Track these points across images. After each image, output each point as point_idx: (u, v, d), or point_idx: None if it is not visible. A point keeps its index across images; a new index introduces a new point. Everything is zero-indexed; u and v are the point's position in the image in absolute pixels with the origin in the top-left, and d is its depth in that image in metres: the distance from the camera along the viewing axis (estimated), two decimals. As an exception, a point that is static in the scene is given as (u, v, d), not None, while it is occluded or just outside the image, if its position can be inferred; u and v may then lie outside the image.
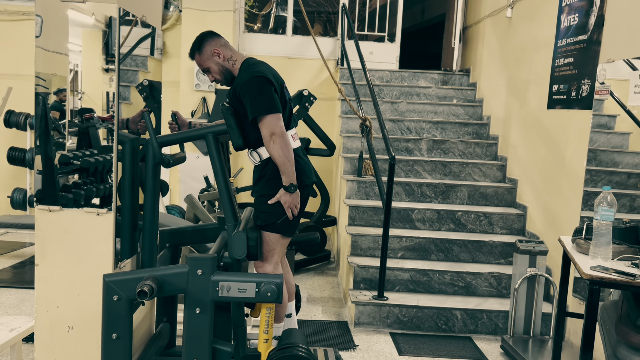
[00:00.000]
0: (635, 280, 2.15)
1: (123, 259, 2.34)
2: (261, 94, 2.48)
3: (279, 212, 2.58)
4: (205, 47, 2.63)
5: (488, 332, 3.70)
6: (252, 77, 2.50)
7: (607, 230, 2.39)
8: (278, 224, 2.59)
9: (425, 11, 9.06)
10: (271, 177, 2.57)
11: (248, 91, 2.48)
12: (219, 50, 2.63)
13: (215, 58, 2.62)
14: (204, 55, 2.63)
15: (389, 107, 5.59)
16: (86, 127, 2.53)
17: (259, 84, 2.49)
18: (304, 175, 2.65)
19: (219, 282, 2.07)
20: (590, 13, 3.44)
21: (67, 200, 2.24)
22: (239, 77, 2.58)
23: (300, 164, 2.64)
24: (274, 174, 2.56)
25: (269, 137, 2.46)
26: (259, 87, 2.48)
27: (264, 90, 2.48)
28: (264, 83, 2.50)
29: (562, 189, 3.78)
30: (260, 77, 2.51)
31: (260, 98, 2.47)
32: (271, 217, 2.59)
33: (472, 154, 5.14)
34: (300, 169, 2.62)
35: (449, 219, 4.42)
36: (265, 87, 2.49)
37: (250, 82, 2.49)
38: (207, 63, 2.64)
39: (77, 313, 2.23)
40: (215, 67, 2.64)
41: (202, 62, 2.64)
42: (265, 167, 2.59)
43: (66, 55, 2.30)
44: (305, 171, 2.67)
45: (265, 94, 2.48)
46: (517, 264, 3.38)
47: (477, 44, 5.90)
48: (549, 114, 4.00)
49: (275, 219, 2.58)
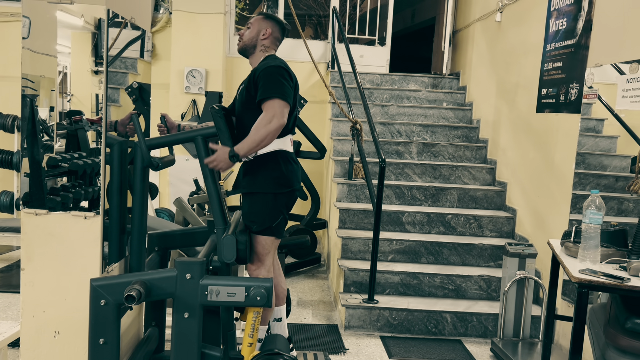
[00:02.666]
0: (623, 284, 2.16)
1: (111, 263, 2.31)
2: (279, 81, 2.55)
3: (274, 214, 2.61)
4: (267, 21, 2.77)
5: (478, 335, 3.71)
6: (277, 66, 2.58)
7: (596, 233, 2.41)
8: (273, 227, 2.63)
9: (415, 15, 9.10)
10: (266, 174, 2.60)
11: (267, 76, 2.55)
12: (269, 33, 2.76)
13: (262, 30, 2.75)
14: (260, 22, 2.77)
15: (380, 110, 5.60)
16: (75, 130, 2.50)
17: (281, 73, 2.57)
18: (295, 180, 2.69)
19: (208, 286, 2.05)
20: (579, 18, 3.47)
21: (55, 203, 2.21)
22: (263, 64, 2.65)
23: (295, 168, 2.69)
24: (270, 172, 2.60)
25: (271, 117, 2.48)
26: (279, 76, 2.56)
27: (282, 80, 2.56)
28: (285, 75, 2.58)
29: (551, 192, 3.80)
30: (284, 69, 2.60)
31: (277, 84, 2.53)
32: (267, 221, 2.61)
33: (461, 157, 5.16)
34: (293, 173, 2.66)
35: (439, 221, 4.43)
36: (284, 78, 2.57)
37: (273, 69, 2.57)
38: (254, 26, 2.77)
39: (63, 318, 2.20)
40: (253, 34, 2.75)
41: (255, 23, 2.78)
42: (260, 164, 2.61)
43: (55, 57, 2.28)
44: (297, 177, 2.72)
45: (282, 82, 2.55)
46: (507, 267, 3.39)
47: (467, 48, 5.93)
48: (538, 117, 4.02)
49: (271, 222, 2.61)
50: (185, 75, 5.45)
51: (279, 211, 2.64)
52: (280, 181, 2.63)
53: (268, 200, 2.62)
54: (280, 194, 2.63)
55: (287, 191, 2.66)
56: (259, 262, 2.67)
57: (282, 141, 2.66)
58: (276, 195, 2.62)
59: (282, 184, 2.63)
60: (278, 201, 2.63)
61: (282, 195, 2.64)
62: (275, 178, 2.61)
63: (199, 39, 5.46)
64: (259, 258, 2.66)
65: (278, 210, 2.63)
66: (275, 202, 2.62)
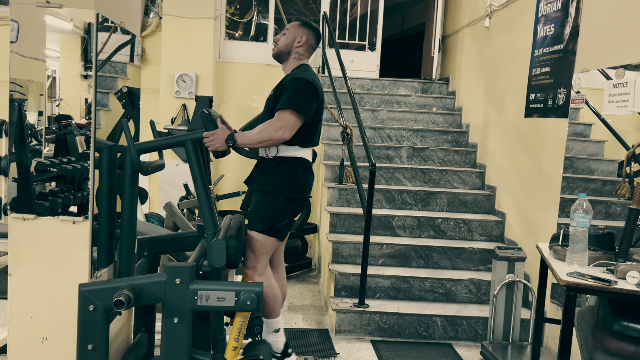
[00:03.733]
0: (610, 286, 2.19)
1: (100, 268, 2.30)
2: (302, 94, 2.59)
3: (281, 216, 2.66)
4: (304, 29, 2.81)
5: (468, 338, 3.72)
6: (305, 80, 2.63)
7: (583, 236, 2.43)
8: (277, 228, 2.67)
9: (405, 20, 9.15)
10: (283, 177, 2.65)
11: (292, 87, 2.61)
12: (305, 41, 2.79)
13: (297, 38, 2.79)
14: (297, 29, 2.80)
15: (370, 115, 5.62)
16: (64, 134, 2.49)
17: (307, 87, 2.61)
18: (308, 188, 2.76)
19: (198, 291, 2.05)
20: (566, 24, 3.51)
21: (43, 208, 2.19)
22: (293, 74, 2.71)
23: (310, 177, 2.75)
24: (286, 175, 2.65)
25: (278, 127, 2.54)
26: (304, 89, 2.60)
27: (306, 95, 2.60)
28: (311, 90, 2.62)
29: (539, 196, 3.83)
30: (312, 83, 2.64)
31: (298, 97, 2.58)
32: (272, 221, 2.67)
33: (451, 161, 5.19)
34: (307, 181, 2.73)
35: (429, 225, 4.45)
36: (309, 93, 2.61)
37: (300, 81, 2.62)
38: (291, 33, 2.80)
39: (51, 323, 2.18)
40: (289, 40, 2.79)
41: (292, 28, 2.82)
42: (278, 166, 2.67)
43: (43, 62, 2.27)
44: (310, 186, 2.78)
45: (304, 97, 2.59)
46: (496, 271, 3.41)
47: (456, 53, 5.97)
48: (527, 122, 4.06)
49: (276, 223, 2.67)
50: (176, 79, 5.44)
51: (285, 214, 2.70)
52: (294, 186, 2.69)
53: (278, 202, 2.68)
54: (290, 199, 2.69)
55: (298, 197, 2.72)
56: (254, 262, 2.70)
57: (305, 151, 2.74)
58: (287, 199, 2.68)
59: (295, 189, 2.69)
60: (287, 205, 2.69)
61: (292, 200, 2.70)
62: (290, 182, 2.67)
63: (189, 44, 5.45)
64: (256, 256, 2.70)
65: (285, 213, 2.69)
66: (284, 205, 2.68)
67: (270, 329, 2.85)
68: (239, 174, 5.53)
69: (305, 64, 2.84)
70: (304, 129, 2.66)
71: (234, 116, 5.57)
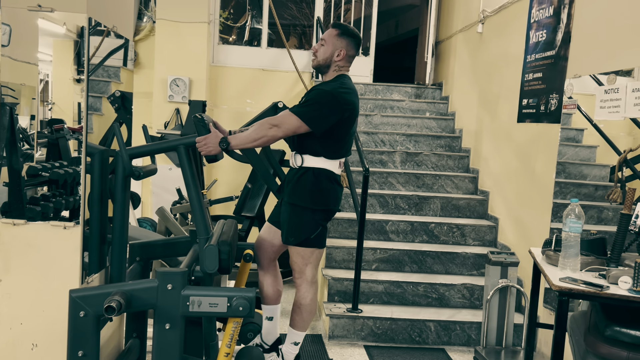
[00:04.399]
0: (602, 291, 2.19)
1: (91, 274, 2.28)
2: (316, 105, 2.53)
3: (313, 227, 2.61)
4: (344, 39, 2.67)
5: (461, 343, 3.72)
6: (328, 92, 2.55)
7: (575, 241, 2.44)
8: (312, 238, 2.62)
9: (399, 26, 9.19)
10: (305, 189, 2.60)
11: (314, 97, 2.55)
12: (344, 54, 2.67)
13: (336, 50, 2.66)
14: (337, 39, 2.67)
15: (363, 119, 5.63)
16: (56, 138, 2.48)
17: (326, 100, 2.53)
18: (333, 201, 2.68)
19: (190, 296, 2.03)
20: (558, 30, 3.53)
21: (34, 213, 2.18)
22: (322, 84, 2.66)
23: (336, 189, 2.67)
24: (309, 187, 2.59)
25: (273, 125, 2.50)
26: (321, 102, 2.53)
27: (324, 108, 2.53)
28: (331, 103, 2.53)
29: (532, 201, 3.84)
30: (335, 97, 2.54)
31: (312, 107, 2.53)
32: (305, 233, 2.62)
33: (444, 166, 5.20)
34: (332, 192, 2.65)
35: (423, 230, 4.45)
36: (329, 107, 2.53)
37: (324, 94, 2.55)
38: (330, 43, 2.67)
39: (41, 330, 2.16)
40: (328, 52, 2.66)
41: (329, 38, 2.68)
42: (302, 176, 2.62)
43: (36, 65, 2.26)
44: (336, 197, 2.69)
45: (321, 110, 2.52)
46: (489, 276, 3.41)
47: (450, 59, 6.00)
48: (519, 127, 4.08)
49: (309, 234, 2.62)
50: (169, 84, 5.43)
51: (317, 224, 2.64)
52: (317, 199, 2.62)
53: (306, 214, 2.62)
54: (317, 210, 2.64)
55: (323, 209, 2.66)
56: (300, 273, 2.67)
57: (331, 163, 2.65)
58: (313, 210, 2.63)
59: (318, 202, 2.63)
60: (316, 215, 2.64)
61: (318, 212, 2.65)
62: (313, 193, 2.61)
63: (182, 48, 5.45)
64: (300, 270, 2.66)
65: (316, 222, 2.63)
66: (312, 216, 2.63)
67: (291, 340, 2.79)
68: (232, 179, 5.52)
69: (343, 74, 2.71)
70: (329, 139, 2.59)
71: (227, 121, 5.56)
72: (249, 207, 4.40)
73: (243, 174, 4.95)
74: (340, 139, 2.63)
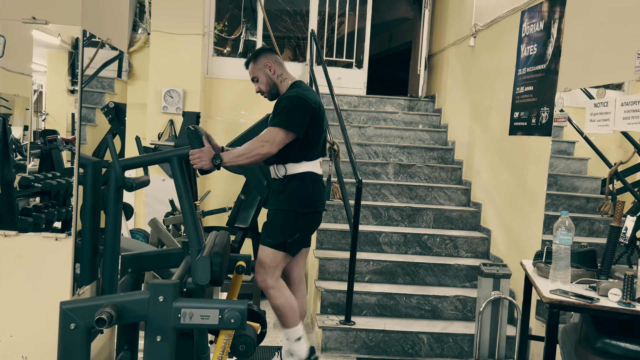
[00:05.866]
0: (592, 304, 2.20)
1: (82, 285, 2.27)
2: (291, 112, 2.64)
3: (292, 231, 2.70)
4: (260, 58, 2.83)
5: (454, 355, 3.71)
6: (295, 97, 2.69)
7: (566, 254, 2.46)
8: (288, 243, 2.71)
9: (392, 39, 9.27)
10: (292, 193, 2.69)
11: (284, 106, 2.68)
12: (272, 64, 2.83)
13: (266, 70, 2.82)
14: (257, 64, 2.83)
15: (357, 131, 5.66)
16: (49, 149, 2.47)
17: (296, 104, 2.67)
18: (319, 202, 2.79)
19: (181, 308, 2.02)
20: (548, 44, 3.58)
21: (26, 224, 2.17)
22: (286, 93, 2.78)
23: (320, 190, 2.79)
24: (295, 191, 2.69)
25: (264, 142, 2.59)
26: (294, 106, 2.66)
27: (298, 111, 2.65)
28: (302, 105, 2.67)
29: (524, 213, 3.86)
30: (303, 99, 2.68)
31: (288, 114, 2.64)
32: (282, 236, 2.71)
33: (437, 178, 5.22)
34: (317, 195, 2.76)
35: (415, 242, 4.46)
36: (301, 109, 2.67)
37: (292, 99, 2.68)
38: (258, 73, 2.84)
39: (32, 342, 2.14)
40: (263, 78, 2.84)
41: (254, 70, 2.85)
42: (288, 183, 2.72)
43: (29, 76, 2.26)
44: (322, 198, 2.81)
45: (297, 114, 2.65)
46: (482, 287, 3.42)
47: (442, 71, 6.05)
48: (511, 139, 4.11)
49: (286, 238, 2.70)
50: (163, 95, 5.44)
51: (297, 229, 2.74)
52: (304, 201, 2.73)
53: (289, 218, 2.72)
54: (301, 214, 2.73)
55: (310, 212, 2.76)
56: (265, 276, 2.74)
57: (312, 164, 2.78)
58: (297, 214, 2.72)
59: (305, 204, 2.73)
60: (298, 220, 2.73)
61: (303, 215, 2.74)
62: (300, 198, 2.72)
63: (177, 60, 5.47)
64: (266, 270, 2.73)
65: (296, 228, 2.73)
66: (295, 221, 2.73)
67: (292, 338, 2.89)
68: (225, 190, 5.52)
69: (296, 81, 2.88)
70: (306, 142, 2.72)
71: (221, 132, 5.57)
72: (242, 218, 4.40)
73: (236, 185, 4.95)
74: (316, 139, 2.77)
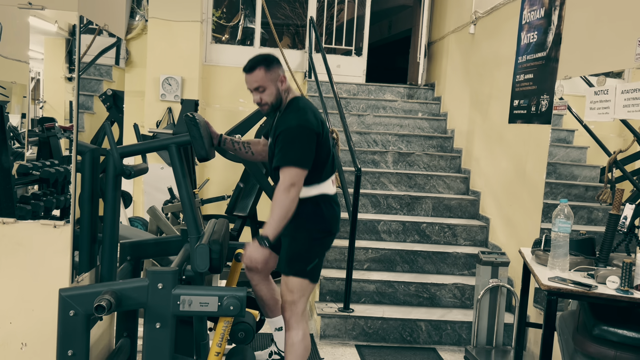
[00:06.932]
0: (590, 291, 2.21)
1: (81, 273, 2.27)
2: (295, 145, 2.40)
3: (310, 257, 2.54)
4: (274, 68, 2.52)
5: (452, 343, 3.74)
6: (299, 127, 2.42)
7: (565, 241, 2.46)
8: (308, 271, 2.54)
9: (392, 26, 9.21)
10: (307, 219, 2.51)
11: (285, 139, 2.41)
12: (284, 78, 2.55)
13: (278, 83, 2.52)
14: (271, 74, 2.50)
15: (356, 119, 5.64)
16: (47, 137, 2.47)
17: (299, 135, 2.41)
18: (335, 224, 2.61)
19: (180, 295, 2.03)
20: (549, 31, 3.55)
21: (25, 212, 2.17)
22: (286, 118, 2.48)
23: (336, 212, 2.60)
24: (310, 216, 2.51)
25: (288, 186, 2.36)
26: (297, 139, 2.41)
27: (301, 143, 2.40)
28: (306, 134, 2.42)
29: (523, 201, 3.86)
30: (306, 128, 2.42)
31: (294, 148, 2.39)
32: (301, 264, 2.54)
33: (436, 166, 5.22)
34: (334, 217, 2.58)
35: (414, 230, 4.47)
36: (304, 139, 2.41)
37: (295, 131, 2.41)
38: (268, 83, 2.51)
39: (31, 329, 2.15)
40: (273, 90, 2.52)
41: (264, 80, 2.50)
42: (301, 207, 2.47)
43: (27, 63, 2.25)
44: (338, 220, 2.62)
45: (304, 148, 2.40)
46: (480, 275, 3.43)
47: (442, 59, 6.02)
48: (510, 128, 4.10)
49: (306, 264, 2.54)
50: (161, 82, 5.41)
51: (315, 254, 2.57)
52: (321, 226, 2.57)
53: (305, 244, 2.56)
54: (317, 239, 2.57)
55: (326, 235, 2.61)
56: (291, 305, 2.56)
57: (324, 185, 2.57)
58: (313, 240, 2.57)
59: (322, 229, 2.58)
60: (314, 245, 2.57)
61: (319, 240, 2.58)
62: (316, 223, 2.55)
63: (175, 47, 5.43)
64: (292, 301, 2.55)
65: (314, 253, 2.57)
66: (311, 246, 2.56)
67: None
68: (224, 178, 5.51)
69: (295, 98, 2.58)
70: (315, 165, 2.48)
71: (219, 120, 5.55)
72: (241, 206, 4.40)
73: (235, 174, 4.94)
74: (324, 158, 2.55)
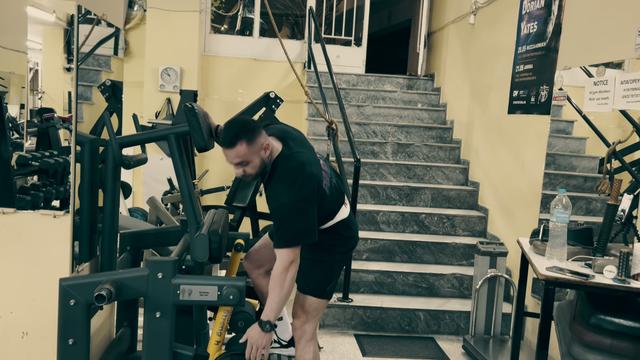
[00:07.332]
0: (588, 280, 2.22)
1: (81, 262, 2.28)
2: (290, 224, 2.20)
3: (330, 278, 2.52)
4: (257, 139, 2.16)
5: (450, 332, 3.76)
6: (289, 202, 2.17)
7: (563, 231, 2.47)
8: (327, 290, 2.52)
9: (391, 16, 9.17)
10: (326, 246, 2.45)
11: (281, 218, 2.20)
12: (268, 143, 2.21)
13: (261, 152, 2.19)
14: (253, 147, 2.16)
15: (355, 110, 5.63)
16: (46, 128, 2.47)
17: (295, 210, 2.18)
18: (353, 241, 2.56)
19: (180, 285, 2.04)
20: (549, 21, 3.54)
21: (24, 202, 2.17)
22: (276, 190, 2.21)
23: (353, 231, 2.55)
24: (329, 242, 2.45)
25: (287, 265, 2.24)
26: (291, 217, 2.19)
27: (300, 218, 2.20)
28: (303, 208, 2.20)
29: (521, 192, 3.87)
30: (300, 201, 2.18)
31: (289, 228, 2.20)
32: (321, 285, 2.51)
33: (435, 157, 5.22)
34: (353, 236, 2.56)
35: (413, 221, 4.48)
36: (302, 213, 2.19)
37: (288, 208, 2.18)
38: (252, 156, 2.18)
39: (32, 318, 2.16)
40: (258, 162, 2.20)
41: (248, 154, 2.17)
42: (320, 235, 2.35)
43: (25, 54, 2.24)
44: (356, 234, 2.57)
45: (300, 221, 2.20)
46: (478, 265, 3.45)
47: (442, 50, 6.00)
48: (510, 118, 4.10)
49: (325, 285, 2.51)
50: (160, 73, 5.40)
51: (335, 274, 2.57)
52: (341, 249, 2.56)
53: (327, 268, 2.54)
54: (338, 260, 2.58)
55: (346, 255, 2.61)
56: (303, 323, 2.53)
57: (339, 214, 2.47)
58: (336, 262, 2.57)
59: (343, 252, 2.57)
60: (335, 267, 2.57)
61: (340, 262, 2.59)
62: (337, 246, 2.54)
63: (174, 37, 5.41)
64: (305, 320, 2.53)
65: (334, 273, 2.57)
66: (332, 269, 2.55)
67: None
68: (223, 169, 5.51)
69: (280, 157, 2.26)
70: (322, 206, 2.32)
71: (218, 111, 5.54)
72: (240, 197, 4.40)
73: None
74: (330, 198, 2.38)
